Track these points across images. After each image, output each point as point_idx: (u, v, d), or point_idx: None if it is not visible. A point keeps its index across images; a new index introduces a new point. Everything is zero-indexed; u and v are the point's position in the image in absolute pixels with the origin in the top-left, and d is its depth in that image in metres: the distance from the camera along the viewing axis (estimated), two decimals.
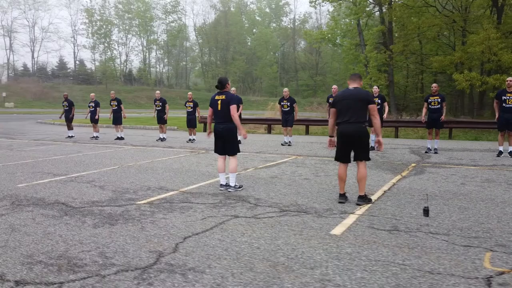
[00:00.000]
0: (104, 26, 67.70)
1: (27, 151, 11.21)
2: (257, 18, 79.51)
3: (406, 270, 3.11)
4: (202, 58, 75.84)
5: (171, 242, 3.79)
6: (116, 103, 14.55)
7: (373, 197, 5.45)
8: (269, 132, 18.29)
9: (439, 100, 9.97)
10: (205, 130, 16.73)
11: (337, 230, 4.09)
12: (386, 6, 25.54)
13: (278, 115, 15.04)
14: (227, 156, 6.06)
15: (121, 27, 71.65)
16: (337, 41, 33.11)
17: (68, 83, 67.28)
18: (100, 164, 8.74)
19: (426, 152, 10.33)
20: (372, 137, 11.07)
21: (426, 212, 4.51)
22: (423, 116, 10.37)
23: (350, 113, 4.99)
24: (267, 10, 78.98)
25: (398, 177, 7.00)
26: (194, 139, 13.70)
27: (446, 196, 5.58)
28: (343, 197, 5.23)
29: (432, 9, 22.17)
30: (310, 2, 31.48)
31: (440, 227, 4.17)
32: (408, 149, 11.34)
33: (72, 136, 15.07)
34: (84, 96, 59.98)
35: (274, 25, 78.38)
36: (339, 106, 5.11)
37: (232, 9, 77.60)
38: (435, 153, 10.15)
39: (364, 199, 5.09)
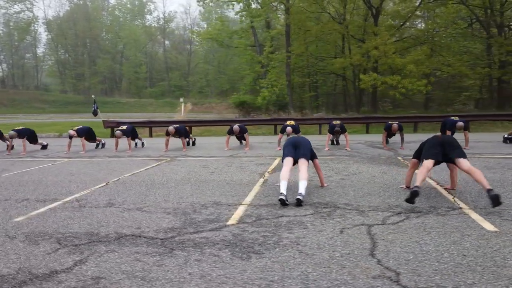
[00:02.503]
0: None
1: None
2: (119, 15, 74.39)
3: None
4: (57, 55, 67.38)
5: (369, 263, 3.29)
6: None
7: (443, 192, 5.67)
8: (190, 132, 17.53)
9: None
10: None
11: (489, 227, 4.12)
12: (279, 9, 26.83)
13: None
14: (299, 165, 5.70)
15: None
16: (224, 41, 33.28)
17: None
18: (74, 182, 7.08)
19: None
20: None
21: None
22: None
23: None
24: (129, 5, 74.45)
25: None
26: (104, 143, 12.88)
27: (505, 184, 5.96)
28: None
29: (326, 16, 24.12)
30: (198, 2, 30.99)
31: None
32: (366, 145, 11.99)
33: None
34: None
35: (137, 22, 74.35)
36: None
37: (88, 2, 71.02)
38: (402, 148, 10.92)
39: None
